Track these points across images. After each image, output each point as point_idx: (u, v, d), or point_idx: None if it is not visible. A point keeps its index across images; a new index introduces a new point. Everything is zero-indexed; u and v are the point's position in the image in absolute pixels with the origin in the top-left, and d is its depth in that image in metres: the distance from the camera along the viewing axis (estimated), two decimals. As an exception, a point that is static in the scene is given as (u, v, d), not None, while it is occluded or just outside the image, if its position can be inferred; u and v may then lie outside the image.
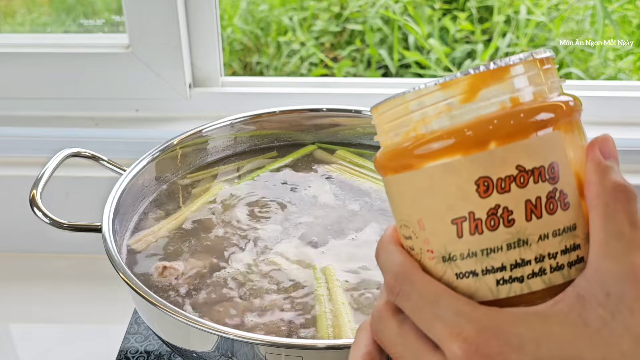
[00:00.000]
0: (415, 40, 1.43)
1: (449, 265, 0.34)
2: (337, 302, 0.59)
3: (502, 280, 0.33)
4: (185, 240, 0.68)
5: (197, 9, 0.92)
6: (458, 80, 0.33)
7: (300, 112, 0.82)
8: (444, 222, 0.34)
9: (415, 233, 0.35)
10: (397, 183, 0.36)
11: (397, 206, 0.37)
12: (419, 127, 0.34)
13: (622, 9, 1.38)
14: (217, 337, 0.52)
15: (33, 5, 1.18)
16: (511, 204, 0.33)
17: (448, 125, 0.33)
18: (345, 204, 0.73)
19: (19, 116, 0.97)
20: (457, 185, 0.33)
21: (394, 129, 0.36)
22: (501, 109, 0.33)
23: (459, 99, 0.33)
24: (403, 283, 0.35)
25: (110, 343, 0.77)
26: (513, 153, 0.33)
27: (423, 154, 0.34)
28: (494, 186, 0.33)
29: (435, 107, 0.34)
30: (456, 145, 0.33)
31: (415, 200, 0.35)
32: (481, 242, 0.33)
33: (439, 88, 0.33)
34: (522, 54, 0.34)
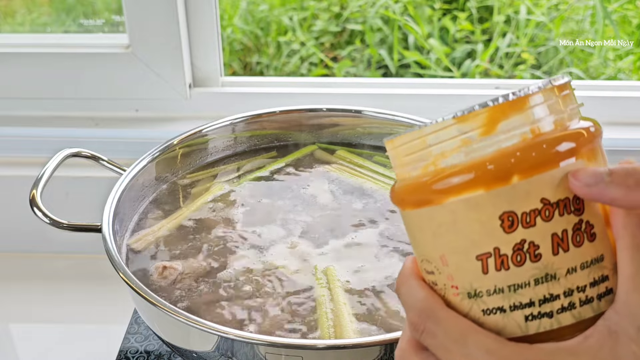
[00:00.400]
0: (415, 40, 1.43)
1: (475, 301, 0.33)
2: (339, 302, 0.59)
3: (530, 316, 0.33)
4: (185, 240, 0.68)
5: (197, 9, 0.92)
6: (476, 113, 0.32)
7: (300, 112, 0.82)
8: (468, 259, 0.33)
9: (438, 269, 0.35)
10: (417, 218, 0.35)
11: (417, 241, 0.36)
12: (438, 161, 0.33)
13: (622, 9, 1.38)
14: (217, 337, 0.52)
15: (33, 5, 1.18)
16: (537, 239, 0.32)
17: (468, 160, 0.33)
18: (345, 204, 0.73)
19: (19, 116, 0.97)
20: (481, 221, 0.32)
21: (411, 162, 0.35)
22: (522, 141, 0.32)
23: (478, 132, 0.32)
24: (427, 320, 0.34)
25: (110, 343, 0.76)
26: (537, 186, 0.32)
27: (443, 189, 0.33)
28: (518, 221, 0.32)
29: (454, 141, 0.33)
30: (478, 180, 0.32)
31: (437, 235, 0.34)
32: (508, 278, 0.32)
33: (456, 121, 0.33)
34: (540, 82, 0.33)
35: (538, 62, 1.41)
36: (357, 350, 0.51)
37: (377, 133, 0.82)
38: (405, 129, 0.79)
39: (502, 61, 1.39)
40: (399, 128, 0.80)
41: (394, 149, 0.36)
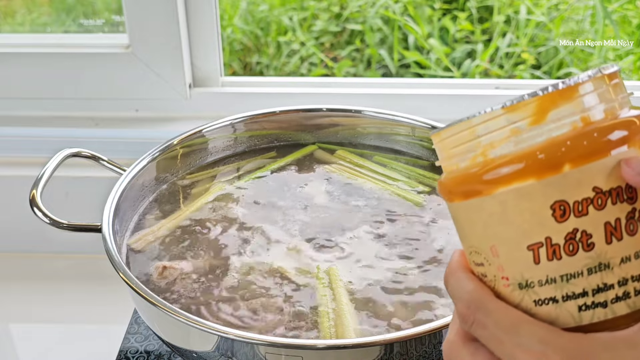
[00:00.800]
0: (415, 40, 1.43)
1: (527, 292, 0.33)
2: (341, 302, 0.59)
3: (584, 306, 0.32)
4: (185, 240, 0.68)
5: (197, 9, 0.92)
6: (525, 103, 0.32)
7: (300, 112, 0.82)
8: (519, 249, 0.33)
9: (487, 260, 0.34)
10: (465, 209, 0.35)
11: (466, 233, 0.35)
12: (487, 151, 0.33)
13: (622, 9, 1.38)
14: (217, 337, 0.52)
15: (33, 5, 1.18)
16: (590, 228, 0.32)
17: (518, 149, 0.32)
18: (346, 204, 0.73)
19: (19, 116, 0.97)
20: (532, 210, 0.32)
21: (459, 154, 0.34)
22: (573, 130, 0.32)
23: (527, 122, 0.32)
24: (477, 311, 0.34)
25: (110, 343, 0.76)
26: (588, 174, 0.32)
27: (493, 179, 0.33)
28: (570, 210, 0.32)
29: (503, 131, 0.33)
30: (528, 169, 0.32)
31: (487, 226, 0.34)
32: (560, 267, 0.32)
33: (506, 111, 0.32)
34: (590, 71, 0.33)
35: (538, 62, 1.41)
36: (357, 350, 0.51)
37: (377, 133, 0.82)
38: (405, 128, 0.79)
39: (502, 61, 1.39)
40: (399, 128, 0.80)
41: (441, 142, 0.35)
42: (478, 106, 0.97)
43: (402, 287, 0.61)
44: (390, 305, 0.59)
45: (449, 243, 0.66)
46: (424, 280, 0.62)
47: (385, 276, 0.62)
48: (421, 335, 0.51)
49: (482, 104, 0.97)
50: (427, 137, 0.79)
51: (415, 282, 0.62)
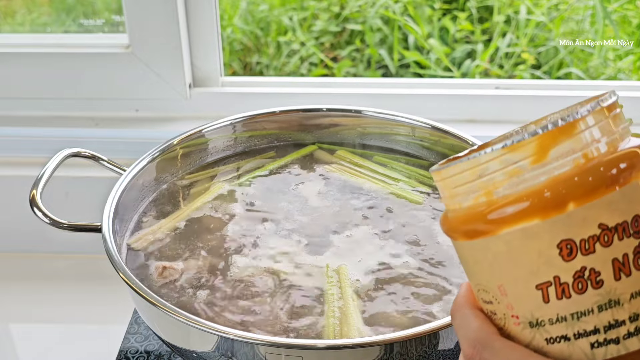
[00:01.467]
0: (415, 40, 1.43)
1: (538, 330, 0.33)
2: (348, 301, 0.59)
3: (596, 343, 0.32)
4: (185, 239, 0.68)
5: (197, 9, 0.92)
6: (526, 142, 0.32)
7: (300, 112, 0.82)
8: (527, 288, 0.33)
9: (496, 298, 0.34)
10: (471, 249, 0.34)
11: (473, 271, 0.35)
12: (490, 191, 0.33)
13: (622, 9, 1.38)
14: (217, 337, 0.52)
15: (33, 5, 1.18)
16: (598, 265, 0.31)
17: (521, 189, 0.32)
18: (346, 203, 0.73)
19: (19, 116, 0.97)
20: (539, 250, 0.32)
21: (461, 193, 0.34)
22: (575, 167, 0.31)
23: (529, 161, 0.32)
24: (483, 351, 0.33)
25: (110, 343, 0.77)
26: (594, 211, 0.31)
27: (498, 219, 0.32)
28: (577, 248, 0.31)
29: (505, 171, 0.32)
30: (532, 209, 0.31)
31: (493, 266, 0.33)
32: (570, 306, 0.32)
33: (506, 151, 0.32)
34: (588, 105, 0.32)
35: (538, 62, 1.40)
36: (357, 350, 0.51)
37: (377, 133, 0.82)
38: (405, 128, 0.79)
39: (502, 61, 1.39)
40: (399, 128, 0.80)
41: (442, 180, 0.35)
42: (478, 106, 0.97)
43: (404, 287, 0.61)
44: (394, 305, 0.59)
45: (450, 242, 0.66)
46: (426, 279, 0.62)
47: (387, 276, 0.62)
48: (421, 335, 0.51)
49: (482, 104, 0.97)
50: (427, 137, 0.79)
51: (417, 281, 0.62)
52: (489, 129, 0.95)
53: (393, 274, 0.62)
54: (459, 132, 0.76)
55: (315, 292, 0.61)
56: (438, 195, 0.74)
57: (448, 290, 0.61)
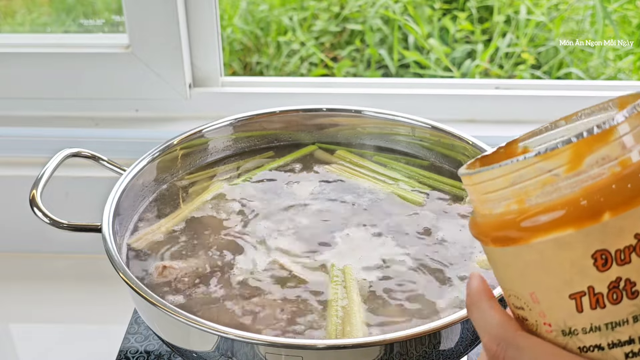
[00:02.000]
0: (415, 40, 1.43)
1: (571, 339, 0.33)
2: (352, 300, 0.59)
3: (631, 353, 0.32)
4: (185, 239, 0.68)
5: (197, 9, 0.92)
6: (560, 151, 0.31)
7: (300, 112, 0.82)
8: (561, 297, 0.32)
9: (528, 305, 0.34)
10: (502, 255, 0.34)
11: (504, 277, 0.35)
12: (523, 199, 0.32)
13: (622, 9, 1.38)
14: (217, 337, 0.52)
15: (33, 5, 1.18)
16: (634, 276, 0.31)
17: (555, 198, 0.31)
18: (346, 203, 0.73)
19: (19, 116, 0.97)
20: (572, 260, 0.31)
21: (492, 200, 0.33)
22: (611, 175, 0.30)
23: (563, 169, 0.31)
24: (508, 348, 0.33)
25: (110, 343, 0.77)
26: (630, 221, 0.30)
27: (530, 227, 0.32)
28: (612, 259, 0.31)
29: (538, 179, 0.31)
30: (566, 219, 0.31)
31: (525, 274, 0.33)
32: (604, 316, 0.32)
33: (540, 159, 0.31)
34: (625, 111, 0.31)
35: (538, 62, 1.41)
36: (357, 350, 0.51)
37: (377, 133, 0.82)
38: (405, 128, 0.79)
39: (502, 61, 1.39)
40: (399, 128, 0.80)
41: (472, 185, 0.34)
42: (478, 106, 0.97)
43: (406, 286, 0.61)
44: (396, 304, 0.59)
45: (451, 241, 0.66)
46: (427, 278, 0.62)
47: (389, 276, 0.62)
48: (421, 335, 0.51)
49: (482, 104, 0.97)
50: (427, 137, 0.79)
51: (419, 280, 0.62)
52: (489, 129, 0.95)
53: (394, 274, 0.62)
54: (459, 132, 0.76)
55: (317, 292, 0.61)
56: (438, 195, 0.74)
57: (450, 289, 0.61)
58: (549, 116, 0.39)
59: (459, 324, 0.52)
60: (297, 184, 0.76)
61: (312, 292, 0.61)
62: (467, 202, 0.72)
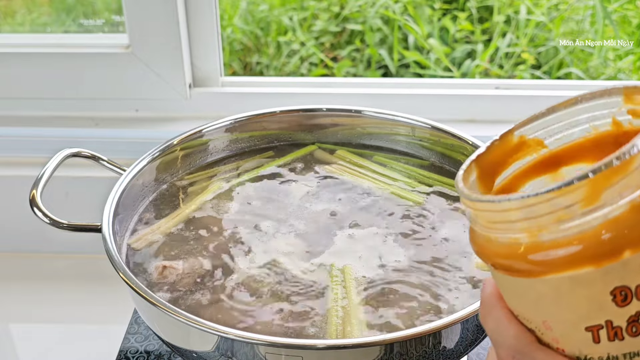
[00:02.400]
0: (415, 40, 1.43)
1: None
2: (352, 300, 0.59)
3: None
4: (185, 239, 0.68)
5: (197, 9, 0.92)
6: (577, 187, 0.29)
7: (300, 112, 0.82)
8: (576, 329, 0.31)
9: (540, 330, 0.33)
10: (510, 282, 0.32)
11: (511, 301, 0.33)
12: (535, 234, 0.30)
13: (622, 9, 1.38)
14: (217, 337, 0.52)
15: (33, 5, 1.18)
16: None
17: (571, 234, 0.29)
18: (346, 203, 0.73)
19: (19, 116, 0.97)
20: (590, 296, 0.30)
21: (499, 229, 0.31)
22: (632, 209, 0.28)
23: (580, 205, 0.29)
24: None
25: (110, 343, 0.77)
26: None
27: (544, 263, 0.30)
28: (632, 294, 0.29)
29: (552, 216, 0.29)
30: (584, 256, 0.29)
31: (537, 305, 0.32)
32: (623, 347, 0.30)
33: (555, 195, 0.29)
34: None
35: (538, 62, 1.41)
36: (357, 350, 0.51)
37: (377, 133, 0.82)
38: (405, 128, 0.79)
39: (502, 61, 1.39)
40: (399, 128, 0.80)
41: (476, 211, 0.32)
42: (478, 106, 0.97)
43: (405, 287, 0.61)
44: (396, 304, 0.59)
45: (451, 242, 0.66)
46: (427, 278, 0.62)
47: (389, 276, 0.62)
48: (421, 335, 0.51)
49: (482, 104, 0.97)
50: (427, 137, 0.79)
51: (419, 280, 0.62)
52: (489, 129, 0.95)
53: (394, 274, 0.62)
54: (459, 132, 0.76)
55: (318, 292, 0.61)
56: (438, 195, 0.74)
57: (450, 289, 0.61)
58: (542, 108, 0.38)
59: (459, 324, 0.52)
60: (296, 184, 0.76)
61: (312, 292, 0.61)
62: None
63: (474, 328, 0.55)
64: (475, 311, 0.52)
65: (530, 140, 0.38)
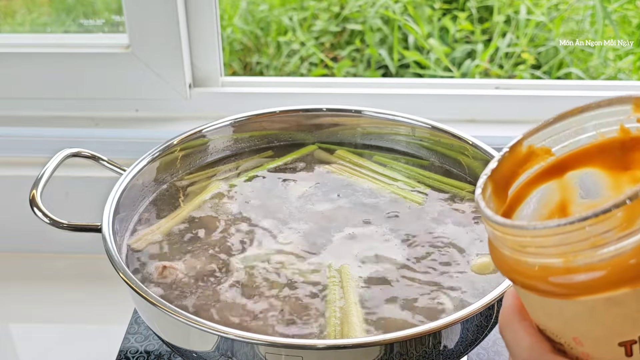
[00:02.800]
0: (415, 40, 1.43)
1: None
2: (350, 301, 0.59)
3: None
4: (185, 239, 0.68)
5: (197, 9, 0.92)
6: (612, 214, 0.29)
7: (300, 112, 0.82)
8: (609, 344, 0.31)
9: (569, 345, 0.33)
10: (539, 301, 0.32)
11: (540, 317, 0.33)
12: (569, 259, 0.30)
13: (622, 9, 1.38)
14: (217, 337, 0.52)
15: (33, 5, 1.18)
16: None
17: (607, 259, 0.29)
18: (345, 203, 0.73)
19: (19, 116, 0.97)
20: (625, 314, 0.30)
21: (529, 253, 0.31)
22: None
23: (615, 231, 0.29)
24: None
25: (110, 343, 0.77)
26: None
27: (577, 285, 0.30)
28: None
29: (587, 241, 0.29)
30: (620, 279, 0.29)
31: (568, 323, 0.32)
32: None
33: (589, 223, 0.29)
34: None
35: (538, 62, 1.41)
36: (357, 350, 0.51)
37: (377, 133, 0.82)
38: (405, 128, 0.79)
39: (502, 61, 1.39)
40: (399, 128, 0.80)
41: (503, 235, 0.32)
42: (478, 106, 0.97)
43: (405, 287, 0.61)
44: (396, 304, 0.59)
45: (451, 242, 0.66)
46: (427, 278, 0.62)
47: (388, 276, 0.62)
48: (421, 335, 0.51)
49: (482, 104, 0.97)
50: (427, 137, 0.79)
51: (418, 281, 0.62)
52: (489, 129, 0.95)
53: (393, 274, 0.62)
54: (459, 132, 0.76)
55: (316, 292, 0.61)
56: (437, 195, 0.74)
57: (449, 289, 0.61)
58: (549, 116, 0.39)
59: (459, 324, 0.52)
60: (296, 184, 0.76)
61: (311, 292, 0.61)
62: (466, 201, 0.72)
63: (474, 328, 0.55)
64: (475, 311, 0.52)
65: (539, 149, 0.38)
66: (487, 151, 0.72)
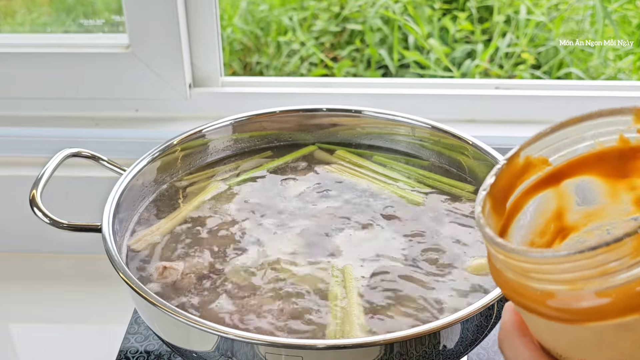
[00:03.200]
0: (415, 40, 1.43)
1: None
2: (352, 301, 0.59)
3: None
4: (185, 239, 0.68)
5: (197, 9, 0.92)
6: (623, 243, 0.28)
7: (300, 112, 0.82)
8: None
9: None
10: (543, 324, 0.32)
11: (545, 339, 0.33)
12: (577, 287, 0.30)
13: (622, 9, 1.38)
14: (217, 337, 0.52)
15: (33, 5, 1.18)
16: None
17: (616, 286, 0.29)
18: (345, 203, 0.73)
19: (19, 116, 0.97)
20: (634, 339, 0.30)
21: (535, 279, 0.31)
22: None
23: (627, 259, 0.29)
24: None
25: (110, 343, 0.77)
26: None
27: (585, 312, 0.30)
28: None
29: (597, 270, 0.29)
30: (629, 306, 0.29)
31: (575, 345, 0.32)
32: None
33: (599, 253, 0.29)
34: None
35: (538, 62, 1.41)
36: (357, 350, 0.51)
37: (377, 133, 0.82)
38: (405, 128, 0.79)
39: (502, 61, 1.39)
40: (399, 128, 0.80)
41: (509, 259, 0.32)
42: (478, 106, 0.97)
43: (405, 287, 0.61)
44: (397, 304, 0.59)
45: (451, 242, 0.66)
46: (428, 279, 0.62)
47: (389, 276, 0.62)
48: (421, 335, 0.51)
49: (482, 104, 0.97)
50: (427, 137, 0.79)
51: (418, 281, 0.62)
52: (489, 129, 0.95)
53: (393, 274, 0.62)
54: (459, 132, 0.76)
55: (317, 292, 0.61)
56: (437, 195, 0.74)
57: (450, 289, 0.61)
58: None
59: (459, 324, 0.52)
60: (296, 184, 0.76)
61: (312, 293, 0.61)
62: (466, 201, 0.72)
63: (474, 328, 0.55)
64: (475, 311, 0.52)
65: (536, 159, 0.38)
66: (487, 151, 0.72)
